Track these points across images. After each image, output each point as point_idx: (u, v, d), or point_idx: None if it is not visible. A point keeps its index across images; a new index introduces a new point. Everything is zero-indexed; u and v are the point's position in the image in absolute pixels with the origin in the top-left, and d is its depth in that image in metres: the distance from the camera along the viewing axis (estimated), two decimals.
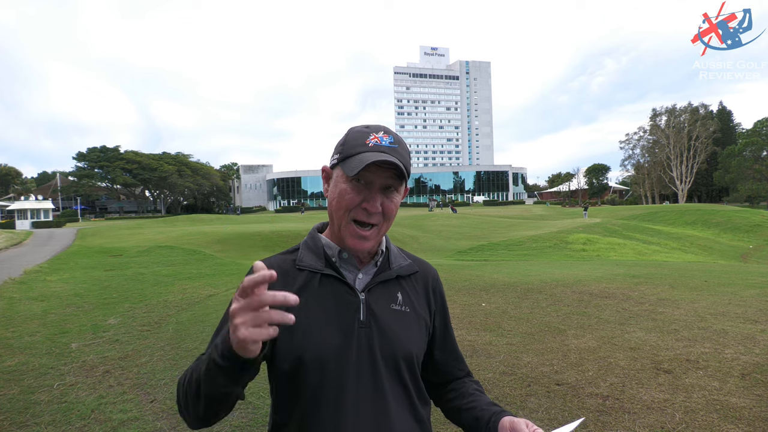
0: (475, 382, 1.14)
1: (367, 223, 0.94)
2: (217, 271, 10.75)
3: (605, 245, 17.70)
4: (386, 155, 0.91)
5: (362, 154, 0.92)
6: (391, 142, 0.95)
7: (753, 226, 28.58)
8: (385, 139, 0.95)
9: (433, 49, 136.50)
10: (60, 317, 6.20)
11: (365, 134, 0.96)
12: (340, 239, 0.97)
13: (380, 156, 0.91)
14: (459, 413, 1.06)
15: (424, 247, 18.38)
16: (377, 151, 0.92)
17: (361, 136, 0.96)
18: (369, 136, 0.95)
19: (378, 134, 0.96)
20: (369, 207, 0.93)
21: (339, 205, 0.94)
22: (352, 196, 0.93)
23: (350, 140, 0.96)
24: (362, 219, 0.93)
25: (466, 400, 1.06)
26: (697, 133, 63.51)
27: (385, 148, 0.93)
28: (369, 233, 0.94)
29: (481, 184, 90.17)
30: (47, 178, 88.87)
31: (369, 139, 0.94)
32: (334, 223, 0.98)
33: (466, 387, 1.10)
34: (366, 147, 0.93)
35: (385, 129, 0.99)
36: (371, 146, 0.93)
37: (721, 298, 5.94)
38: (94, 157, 60.87)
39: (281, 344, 0.93)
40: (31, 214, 40.75)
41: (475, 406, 1.03)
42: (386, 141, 0.95)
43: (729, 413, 2.79)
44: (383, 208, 0.94)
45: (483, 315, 5.52)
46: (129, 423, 3.07)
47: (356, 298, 0.96)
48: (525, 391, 3.26)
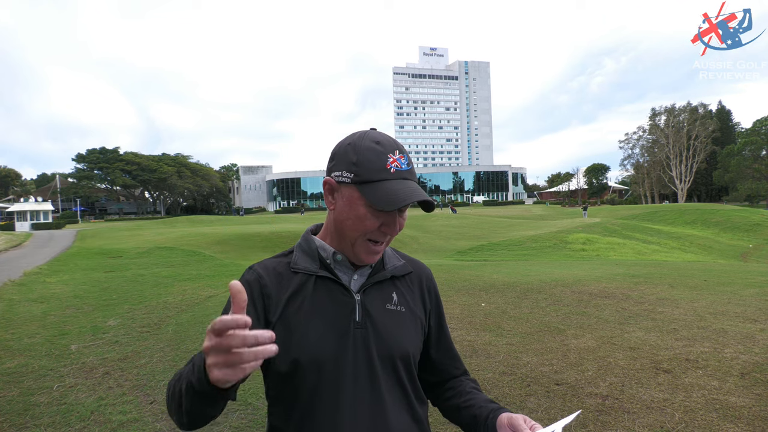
0: (472, 381, 1.14)
1: (383, 241, 0.95)
2: (216, 272, 10.75)
3: (605, 245, 17.71)
4: (419, 190, 0.90)
5: (388, 182, 0.89)
6: (408, 164, 0.93)
7: (752, 225, 28.61)
8: (402, 161, 0.92)
9: (432, 49, 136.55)
10: (59, 319, 6.20)
11: (381, 155, 0.90)
12: (349, 251, 0.97)
13: (415, 193, 0.89)
14: (457, 412, 1.06)
15: (424, 247, 18.38)
16: (401, 178, 0.90)
17: (377, 157, 0.90)
18: (386, 158, 0.90)
19: (395, 155, 0.92)
20: (389, 231, 0.93)
21: (356, 227, 0.92)
22: (372, 221, 0.91)
23: (365, 161, 0.90)
24: (379, 239, 0.94)
25: (463, 398, 1.06)
26: (697, 132, 63.57)
27: (406, 173, 0.91)
28: (382, 247, 0.96)
29: (480, 184, 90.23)
30: (47, 179, 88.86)
31: (389, 163, 0.90)
32: (344, 238, 0.96)
33: (464, 385, 1.10)
34: (388, 173, 0.89)
35: (398, 147, 0.94)
36: (394, 173, 0.90)
37: (721, 297, 5.94)
38: (93, 158, 60.87)
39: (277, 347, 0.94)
40: (30, 215, 40.75)
41: (472, 404, 1.03)
42: (404, 164, 0.92)
43: (728, 412, 2.79)
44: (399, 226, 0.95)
45: (483, 315, 5.52)
46: (129, 424, 3.07)
47: (351, 299, 0.96)
48: (524, 391, 3.27)
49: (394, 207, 0.87)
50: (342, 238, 0.96)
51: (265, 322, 0.94)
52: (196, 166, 70.60)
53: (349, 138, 0.95)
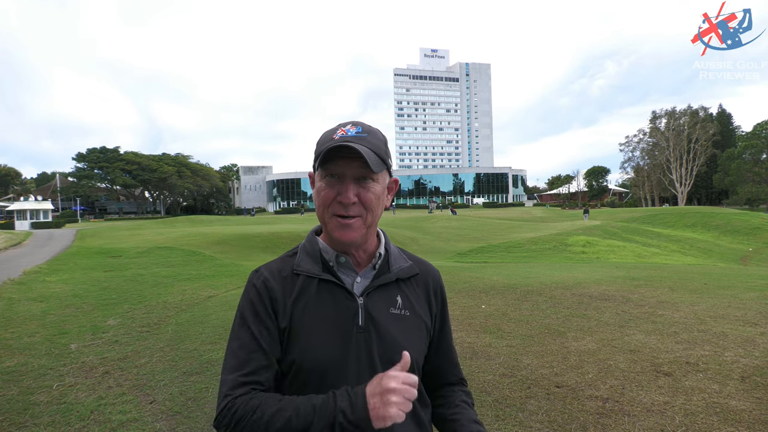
0: (465, 393, 1.11)
1: (347, 215, 0.93)
2: (216, 272, 10.74)
3: (605, 247, 17.70)
4: (347, 143, 0.90)
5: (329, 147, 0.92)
6: (358, 132, 0.94)
7: (752, 228, 28.59)
8: (351, 130, 0.94)
9: (433, 51, 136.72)
10: (59, 318, 6.19)
11: (333, 130, 0.96)
12: (332, 239, 0.97)
13: (337, 142, 0.90)
14: (442, 422, 1.05)
15: (424, 248, 18.37)
16: (342, 142, 0.91)
17: (330, 132, 0.96)
18: (337, 130, 0.95)
19: (345, 127, 0.95)
20: (343, 199, 0.92)
21: (318, 203, 0.95)
22: (327, 191, 0.93)
23: (321, 138, 0.96)
24: (341, 212, 0.93)
25: (451, 410, 1.05)
26: (697, 135, 63.57)
27: (351, 138, 0.92)
28: (351, 222, 0.93)
29: (480, 185, 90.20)
30: (47, 178, 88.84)
31: (336, 133, 0.94)
32: (324, 224, 0.98)
33: (455, 396, 1.08)
34: (333, 141, 0.92)
35: (354, 122, 0.97)
36: (337, 139, 0.92)
37: (721, 300, 5.94)
38: (93, 158, 60.85)
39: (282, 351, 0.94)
40: (30, 214, 40.71)
41: (457, 419, 1.02)
42: (353, 132, 0.94)
43: (729, 416, 2.79)
44: (360, 198, 0.93)
45: (483, 317, 5.52)
46: (128, 424, 3.06)
47: (354, 302, 0.95)
48: (525, 393, 3.26)
49: (317, 154, 0.92)
50: (323, 225, 0.99)
51: (275, 326, 0.94)
52: (196, 166, 70.57)
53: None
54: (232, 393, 0.88)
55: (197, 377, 3.87)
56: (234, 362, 0.91)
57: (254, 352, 0.91)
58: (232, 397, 0.87)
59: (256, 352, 0.92)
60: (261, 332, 0.93)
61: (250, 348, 0.92)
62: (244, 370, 0.90)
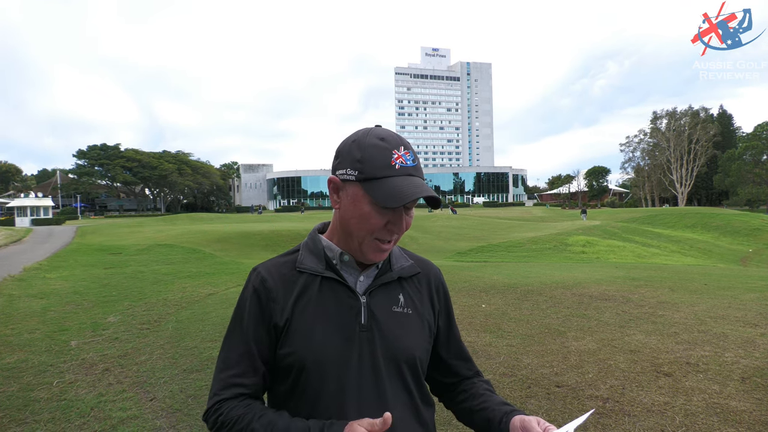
0: (485, 382, 1.12)
1: (390, 240, 0.93)
2: (216, 269, 10.75)
3: (605, 247, 17.71)
4: (424, 186, 0.88)
5: (392, 179, 0.87)
6: (413, 160, 0.91)
7: (752, 229, 28.61)
8: (408, 157, 0.90)
9: (435, 50, 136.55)
10: (59, 315, 6.20)
11: (386, 151, 0.88)
12: (356, 250, 0.95)
13: (420, 189, 0.87)
14: (470, 415, 1.04)
15: (424, 248, 18.38)
16: (406, 174, 0.88)
17: (381, 153, 0.88)
18: (391, 154, 0.88)
19: (400, 151, 0.89)
20: (395, 230, 0.91)
21: (362, 226, 0.91)
22: (377, 219, 0.89)
23: (370, 158, 0.88)
24: (387, 238, 0.92)
25: (477, 401, 1.04)
26: (698, 136, 63.55)
27: (411, 169, 0.89)
28: (390, 246, 0.94)
29: (481, 185, 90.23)
30: (47, 175, 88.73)
31: (393, 159, 0.88)
32: (352, 238, 0.94)
33: (476, 387, 1.08)
34: (393, 170, 0.87)
35: (403, 143, 0.92)
36: (399, 169, 0.88)
37: (721, 301, 5.94)
38: (94, 154, 60.83)
39: (281, 350, 0.93)
40: (30, 211, 40.74)
41: (486, 407, 1.01)
42: (410, 160, 0.90)
43: (729, 416, 2.79)
44: (405, 224, 0.93)
45: (483, 316, 5.52)
46: (128, 421, 3.07)
47: (357, 301, 0.95)
48: (525, 393, 3.26)
49: (398, 204, 0.85)
50: (349, 237, 0.95)
51: (271, 327, 0.94)
52: (196, 163, 70.53)
53: (354, 135, 0.94)
54: (220, 394, 0.92)
55: (197, 374, 3.88)
56: (225, 362, 0.95)
57: (244, 354, 0.94)
58: (219, 398, 0.91)
59: (246, 356, 0.94)
60: (252, 335, 0.94)
61: (240, 350, 0.94)
62: (232, 371, 0.93)
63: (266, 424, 0.86)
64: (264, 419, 0.87)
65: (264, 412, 0.89)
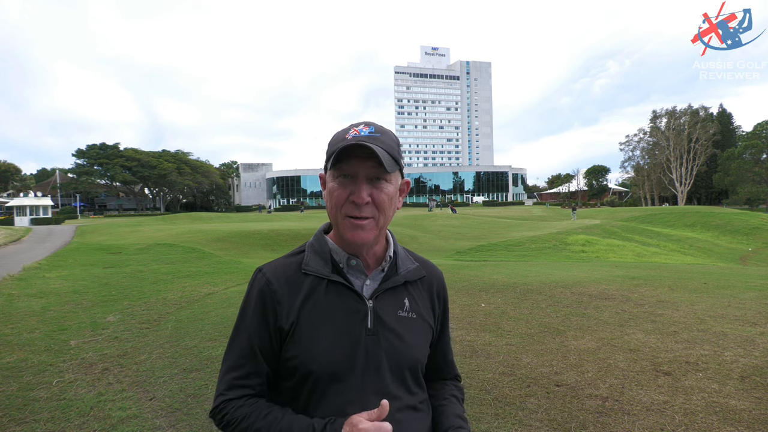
0: (457, 388, 1.13)
1: (360, 216, 0.92)
2: (216, 269, 10.74)
3: (604, 247, 17.71)
4: (360, 142, 0.89)
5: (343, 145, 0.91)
6: (371, 132, 0.93)
7: (752, 228, 28.63)
8: (364, 130, 0.93)
9: (434, 49, 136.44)
10: (59, 314, 6.19)
11: (346, 130, 0.95)
12: (343, 240, 0.96)
13: (354, 141, 0.89)
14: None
15: (424, 247, 18.37)
16: (356, 142, 0.90)
17: (342, 132, 0.95)
18: (349, 130, 0.94)
19: (358, 127, 0.94)
20: (356, 199, 0.90)
21: (330, 203, 0.94)
22: (339, 191, 0.92)
23: (333, 139, 0.96)
24: (354, 213, 0.91)
25: (438, 402, 1.06)
26: (697, 135, 63.55)
27: (364, 137, 0.91)
28: (365, 222, 0.92)
29: (480, 184, 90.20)
30: (46, 174, 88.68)
31: (349, 133, 0.93)
32: (335, 225, 0.96)
33: (445, 390, 1.10)
34: (345, 141, 0.91)
35: (367, 122, 0.97)
36: (350, 138, 0.91)
37: (721, 300, 5.94)
38: (93, 154, 60.79)
39: (287, 353, 0.93)
40: (30, 210, 40.69)
41: (442, 411, 1.03)
42: (366, 131, 0.93)
43: (728, 415, 2.79)
44: (373, 199, 0.91)
45: (482, 315, 5.52)
46: (128, 420, 3.06)
47: (364, 305, 0.95)
48: (524, 392, 3.26)
49: (331, 150, 0.91)
50: (334, 226, 0.97)
51: (276, 329, 0.94)
52: (196, 162, 70.50)
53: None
54: (225, 394, 0.93)
55: (197, 374, 3.87)
56: (230, 363, 0.96)
57: (247, 356, 0.95)
58: (225, 398, 0.93)
59: (250, 357, 0.95)
60: (256, 337, 0.94)
61: (244, 352, 0.95)
62: (237, 373, 0.94)
63: (271, 421, 0.87)
64: (269, 417, 0.88)
65: (269, 410, 0.90)
